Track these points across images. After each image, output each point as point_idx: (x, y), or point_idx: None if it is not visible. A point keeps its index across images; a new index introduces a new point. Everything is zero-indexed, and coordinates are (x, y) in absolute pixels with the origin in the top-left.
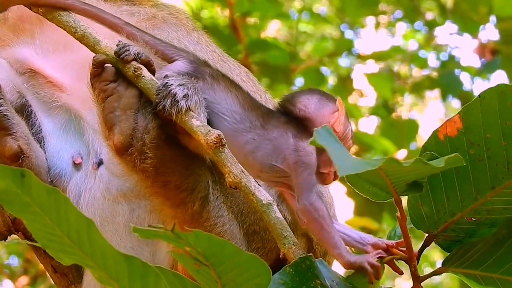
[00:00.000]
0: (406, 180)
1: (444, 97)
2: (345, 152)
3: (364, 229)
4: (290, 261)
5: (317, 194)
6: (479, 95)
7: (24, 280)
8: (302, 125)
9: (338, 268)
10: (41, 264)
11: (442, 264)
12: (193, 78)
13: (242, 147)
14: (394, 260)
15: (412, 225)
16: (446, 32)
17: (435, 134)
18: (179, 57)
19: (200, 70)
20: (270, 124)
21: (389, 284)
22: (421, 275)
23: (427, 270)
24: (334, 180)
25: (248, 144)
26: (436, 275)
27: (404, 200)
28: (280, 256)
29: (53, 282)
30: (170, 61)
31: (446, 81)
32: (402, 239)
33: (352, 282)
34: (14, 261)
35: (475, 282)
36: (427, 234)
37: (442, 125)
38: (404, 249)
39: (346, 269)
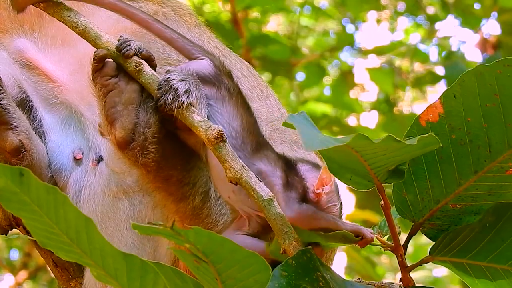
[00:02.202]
0: (386, 166)
1: None
2: (314, 131)
3: (365, 223)
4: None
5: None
6: (458, 78)
7: (24, 274)
8: (290, 173)
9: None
10: (42, 258)
11: (429, 253)
12: (209, 84)
13: None
14: (382, 250)
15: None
16: (448, 27)
17: (417, 120)
18: (205, 58)
19: (220, 79)
20: (263, 153)
21: (390, 277)
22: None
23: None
24: (325, 197)
25: None
26: (423, 263)
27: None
28: (281, 252)
29: (53, 276)
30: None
31: (452, 73)
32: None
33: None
34: (15, 255)
35: (462, 272)
36: (413, 223)
37: (424, 111)
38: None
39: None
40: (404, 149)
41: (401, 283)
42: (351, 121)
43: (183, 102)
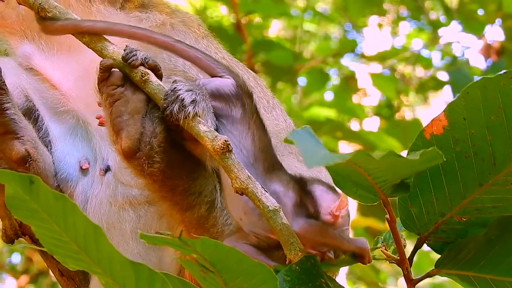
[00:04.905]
0: (391, 180)
1: (455, 95)
2: (316, 146)
3: (368, 230)
4: None
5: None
6: (462, 91)
7: (25, 278)
8: (304, 195)
9: None
10: (43, 263)
11: (435, 266)
12: (228, 102)
13: None
14: (388, 262)
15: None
16: (451, 32)
17: (421, 133)
18: (229, 77)
19: (241, 98)
20: (275, 174)
21: (392, 283)
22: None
23: None
24: (341, 220)
25: None
26: (429, 277)
27: None
28: (286, 262)
29: (55, 281)
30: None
31: (455, 79)
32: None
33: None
34: (17, 259)
35: (469, 284)
36: (418, 236)
37: (428, 124)
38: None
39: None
40: (407, 164)
41: None
42: (354, 126)
43: (189, 112)
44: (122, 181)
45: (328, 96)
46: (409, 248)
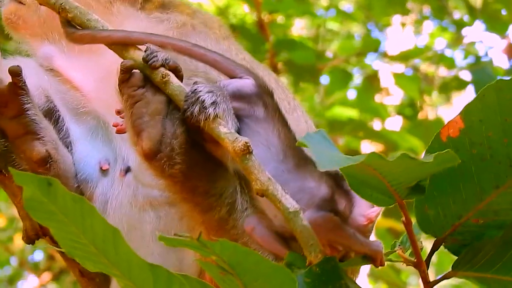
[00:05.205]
0: (406, 182)
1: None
2: (330, 149)
3: (390, 231)
4: None
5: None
6: (478, 93)
7: (47, 276)
8: (338, 191)
9: None
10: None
11: (451, 267)
12: (249, 102)
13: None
14: (404, 265)
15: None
16: (475, 32)
17: (438, 136)
18: (249, 77)
19: (262, 97)
20: (306, 169)
21: (413, 281)
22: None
23: None
24: (370, 225)
25: (276, 177)
26: (446, 279)
27: None
28: (307, 264)
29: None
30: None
31: (479, 78)
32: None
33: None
34: (39, 256)
35: (486, 286)
36: (435, 239)
37: (444, 126)
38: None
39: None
40: (422, 166)
41: None
42: (376, 125)
43: (209, 114)
44: (143, 182)
45: (351, 95)
46: (428, 248)
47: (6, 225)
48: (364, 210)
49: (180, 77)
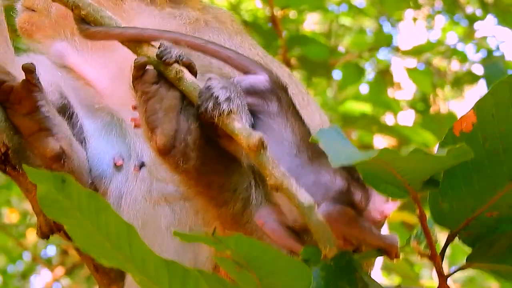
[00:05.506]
0: (420, 177)
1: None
2: (343, 145)
3: (403, 224)
4: None
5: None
6: (491, 88)
7: (60, 270)
8: (353, 184)
9: None
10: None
11: (466, 260)
12: (263, 98)
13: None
14: (417, 257)
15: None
16: (487, 26)
17: (451, 131)
18: (263, 73)
19: (276, 93)
20: (320, 162)
21: (426, 274)
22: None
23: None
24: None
25: (290, 171)
26: (461, 270)
27: None
28: (321, 258)
29: (90, 273)
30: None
31: (491, 72)
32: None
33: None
34: (52, 251)
35: (501, 277)
36: (449, 232)
37: (457, 121)
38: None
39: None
40: (436, 160)
41: None
42: (388, 119)
43: (223, 109)
44: (157, 177)
45: (364, 89)
46: (442, 241)
47: (19, 220)
48: (380, 205)
49: (194, 73)
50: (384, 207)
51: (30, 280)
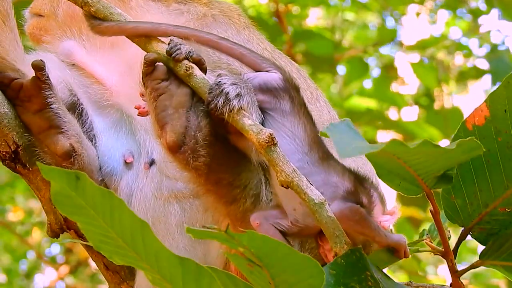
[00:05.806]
0: (433, 172)
1: (494, 83)
2: (352, 138)
3: (410, 219)
4: None
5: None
6: (503, 81)
7: (65, 268)
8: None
9: None
10: (83, 253)
11: (479, 257)
12: (275, 96)
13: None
14: (432, 254)
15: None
16: (491, 21)
17: (463, 124)
18: (276, 71)
19: (288, 91)
20: (329, 163)
21: (431, 270)
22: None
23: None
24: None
25: (301, 168)
26: (473, 268)
27: None
28: (333, 255)
29: (94, 271)
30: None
31: (496, 67)
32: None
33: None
34: (56, 249)
35: None
36: (462, 228)
37: (470, 114)
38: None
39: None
40: (447, 154)
41: None
42: (392, 114)
43: (234, 106)
44: (167, 174)
45: (368, 84)
46: (453, 238)
47: (24, 218)
48: (378, 216)
49: (203, 70)
50: (382, 219)
51: (34, 278)
